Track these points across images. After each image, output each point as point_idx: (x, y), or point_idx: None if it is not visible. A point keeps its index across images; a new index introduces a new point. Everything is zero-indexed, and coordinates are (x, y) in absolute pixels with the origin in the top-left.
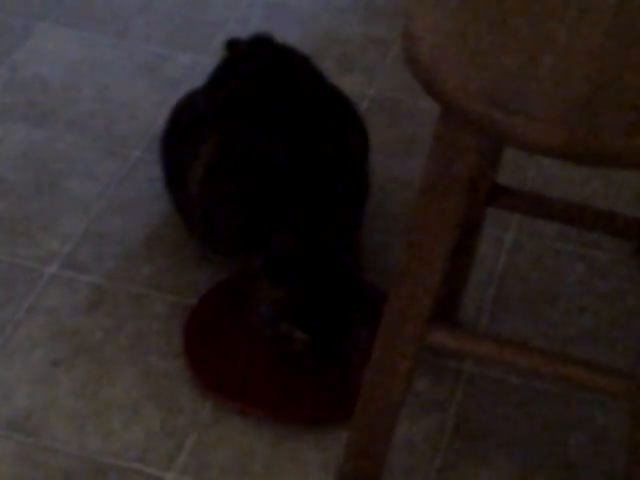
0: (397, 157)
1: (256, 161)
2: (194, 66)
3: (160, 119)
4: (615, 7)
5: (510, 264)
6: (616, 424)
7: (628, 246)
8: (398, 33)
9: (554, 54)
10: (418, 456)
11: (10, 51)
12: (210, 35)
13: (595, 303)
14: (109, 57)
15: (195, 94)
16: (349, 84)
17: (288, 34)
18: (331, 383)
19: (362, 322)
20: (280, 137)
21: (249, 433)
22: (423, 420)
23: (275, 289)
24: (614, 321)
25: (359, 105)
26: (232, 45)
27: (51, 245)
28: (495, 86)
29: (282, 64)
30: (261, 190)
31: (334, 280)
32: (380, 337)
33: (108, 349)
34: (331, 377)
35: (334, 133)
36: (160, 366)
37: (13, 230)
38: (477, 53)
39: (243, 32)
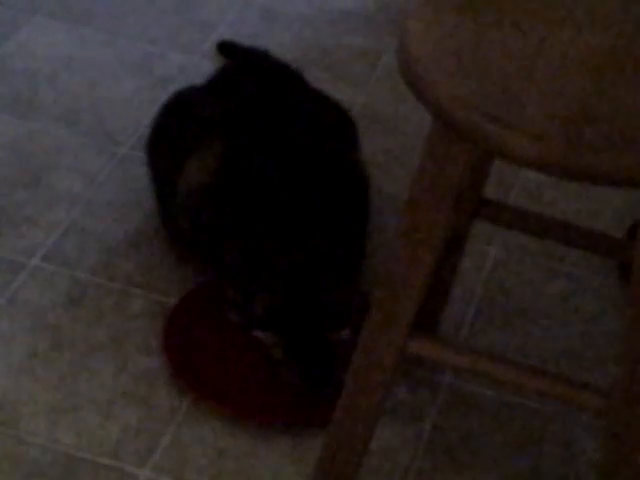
0: (384, 167)
1: (256, 183)
2: (185, 66)
3: (149, 118)
4: (612, 25)
5: (492, 278)
6: (589, 440)
7: (610, 266)
8: (389, 44)
9: (548, 69)
10: (393, 465)
11: (0, 43)
12: (202, 36)
13: (575, 321)
14: (100, 53)
15: (186, 96)
16: (338, 93)
17: (280, 39)
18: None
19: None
20: (279, 157)
21: (225, 433)
22: (400, 429)
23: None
24: (593, 339)
25: None
26: (224, 47)
27: (34, 238)
28: (488, 98)
29: (279, 80)
30: (260, 213)
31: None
32: (361, 345)
33: (87, 344)
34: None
35: (335, 149)
36: (138, 363)
37: None
38: (471, 65)
39: (236, 35)
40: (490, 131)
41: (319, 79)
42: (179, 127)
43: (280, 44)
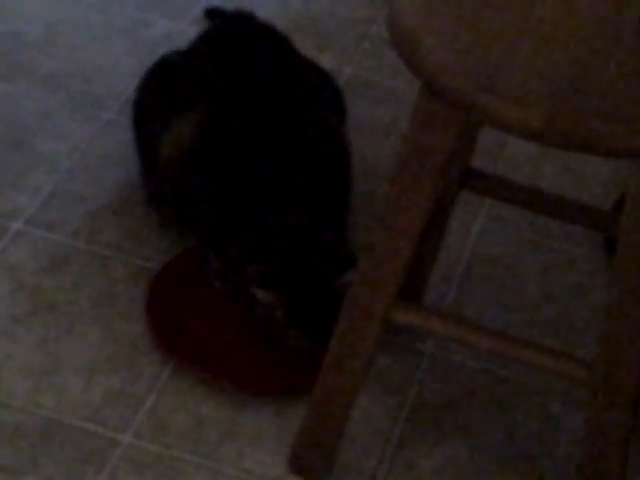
0: (371, 137)
1: (240, 148)
2: (172, 32)
3: (135, 83)
4: None
5: (477, 250)
6: (571, 413)
7: (596, 238)
8: (378, 14)
9: (539, 37)
10: (375, 433)
11: None
12: (190, 2)
13: (559, 294)
14: (87, 18)
15: (171, 61)
16: (326, 62)
17: (268, 8)
18: (293, 355)
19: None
20: (264, 122)
21: (207, 400)
22: (382, 398)
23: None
24: (577, 312)
25: None
26: (211, 13)
27: (18, 201)
28: (478, 65)
29: (264, 43)
30: (244, 178)
31: (314, 253)
32: (345, 311)
33: (69, 309)
34: (294, 349)
35: (318, 115)
36: (121, 329)
37: None
38: (461, 33)
39: (223, 1)
40: (478, 98)
41: (307, 48)
42: (162, 92)
43: (269, 12)
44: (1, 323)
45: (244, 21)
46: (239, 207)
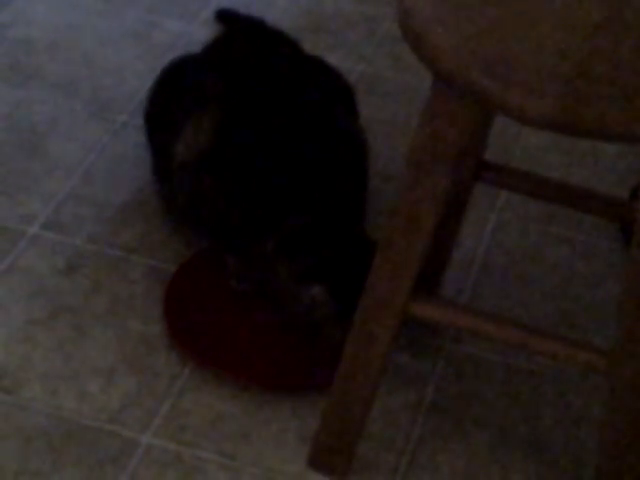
0: (384, 134)
1: (254, 149)
2: (182, 34)
3: (147, 85)
4: None
5: (493, 243)
6: (590, 405)
7: (612, 230)
8: (389, 10)
9: (548, 25)
10: (395, 429)
11: None
12: (201, 4)
13: (576, 285)
14: (97, 22)
15: (183, 64)
16: (337, 60)
17: (278, 6)
18: (311, 351)
19: None
20: (277, 123)
21: (226, 399)
22: (402, 394)
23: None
24: (594, 304)
25: None
26: (222, 15)
27: (33, 206)
28: (488, 55)
29: (275, 47)
30: (258, 179)
31: (351, 247)
32: (362, 306)
33: (86, 311)
34: (312, 345)
35: (331, 113)
36: (138, 330)
37: None
38: (471, 22)
39: (234, 3)
40: (489, 88)
41: (318, 46)
42: (175, 95)
43: (279, 11)
44: (19, 327)
45: (254, 26)
46: (254, 207)
